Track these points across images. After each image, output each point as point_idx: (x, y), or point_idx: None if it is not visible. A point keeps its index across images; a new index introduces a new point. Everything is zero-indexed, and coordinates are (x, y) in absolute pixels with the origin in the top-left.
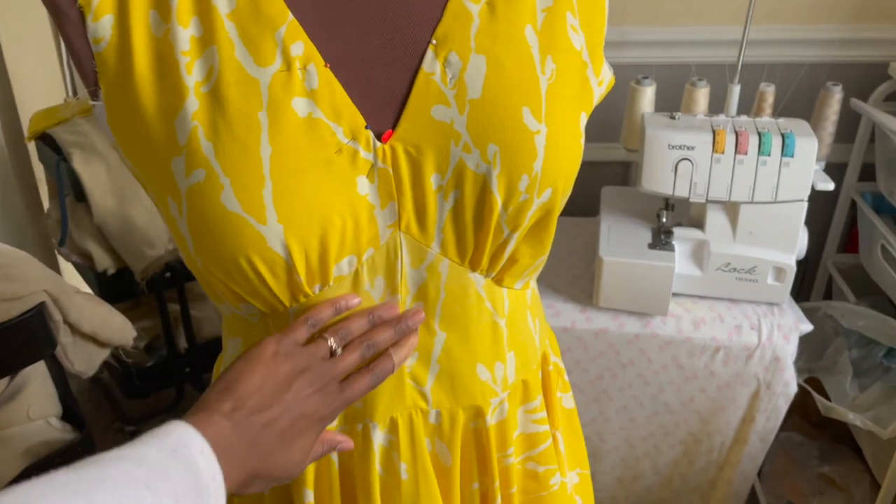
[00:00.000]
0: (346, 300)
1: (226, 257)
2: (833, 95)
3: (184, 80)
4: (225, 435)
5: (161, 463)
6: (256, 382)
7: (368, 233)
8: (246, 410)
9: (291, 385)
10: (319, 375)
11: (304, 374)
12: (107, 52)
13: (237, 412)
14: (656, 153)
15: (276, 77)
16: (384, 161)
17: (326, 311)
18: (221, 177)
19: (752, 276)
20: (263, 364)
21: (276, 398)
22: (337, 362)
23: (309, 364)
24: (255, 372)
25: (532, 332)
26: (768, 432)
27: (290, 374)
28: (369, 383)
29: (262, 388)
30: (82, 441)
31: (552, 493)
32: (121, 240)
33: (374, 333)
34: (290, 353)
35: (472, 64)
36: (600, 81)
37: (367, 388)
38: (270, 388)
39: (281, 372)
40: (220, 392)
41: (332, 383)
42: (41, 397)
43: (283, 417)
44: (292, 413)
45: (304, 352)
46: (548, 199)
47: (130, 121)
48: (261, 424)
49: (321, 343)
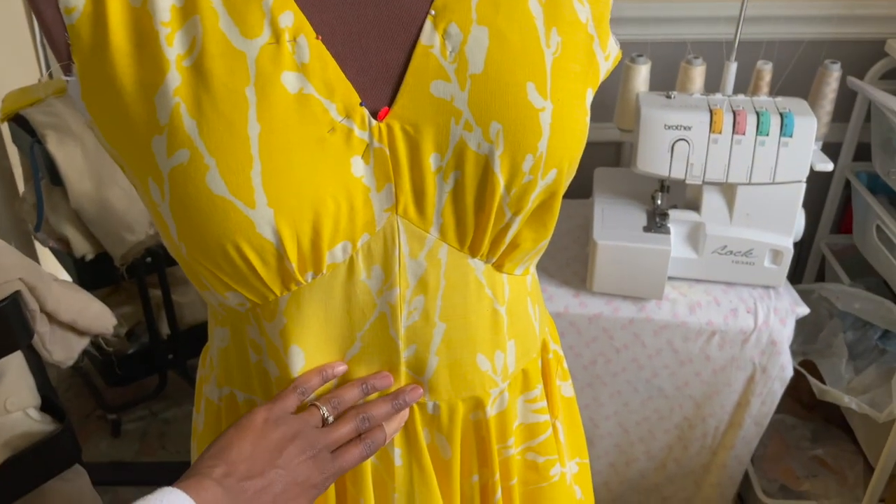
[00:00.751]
0: (332, 368)
1: (212, 244)
2: (831, 73)
3: (164, 53)
4: (216, 500)
5: None
6: (247, 448)
7: (364, 217)
8: (237, 476)
9: (283, 451)
10: (311, 443)
11: (295, 441)
12: (80, 22)
13: (228, 478)
14: (652, 134)
15: (264, 50)
16: (380, 140)
17: (314, 379)
18: (206, 157)
19: (749, 258)
20: (254, 431)
21: (267, 464)
22: (330, 431)
23: (301, 431)
24: (246, 438)
25: (532, 319)
26: (763, 416)
27: (282, 441)
28: (362, 454)
29: (253, 455)
30: (62, 433)
31: (552, 483)
32: (99, 224)
33: (371, 407)
34: (281, 420)
35: (474, 36)
36: (607, 56)
37: (359, 459)
38: (262, 453)
39: (272, 438)
40: (210, 458)
41: (325, 451)
42: (19, 388)
43: (275, 483)
44: (284, 479)
45: (296, 419)
46: (552, 181)
47: (107, 97)
48: (253, 490)
49: (313, 411)
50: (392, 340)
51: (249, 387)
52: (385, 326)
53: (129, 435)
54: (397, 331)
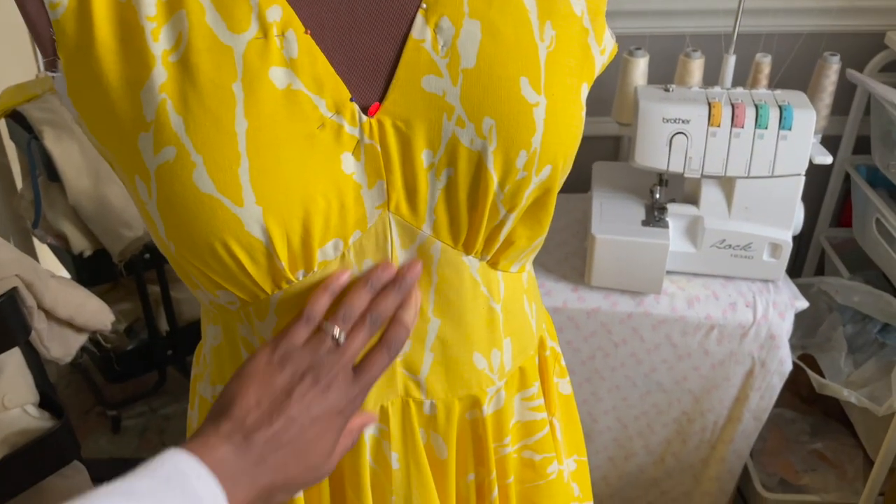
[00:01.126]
0: (338, 280)
1: (200, 242)
2: (831, 66)
3: (150, 49)
4: (224, 457)
5: (154, 494)
6: (252, 399)
7: (355, 214)
8: (245, 430)
9: (291, 393)
10: (325, 372)
11: (305, 378)
12: (65, 17)
13: (236, 433)
14: (650, 127)
15: (252, 45)
16: (371, 137)
17: (322, 300)
18: (193, 154)
19: (748, 252)
20: (257, 379)
21: (275, 412)
22: (343, 350)
23: (311, 364)
24: (250, 388)
25: (529, 317)
26: (762, 411)
27: (289, 382)
28: (385, 359)
29: (259, 404)
30: (61, 429)
31: (549, 481)
32: (97, 221)
33: (377, 304)
34: (287, 359)
35: (466, 30)
36: (602, 49)
37: (385, 365)
38: (268, 402)
39: (277, 383)
40: (216, 415)
41: (344, 373)
42: (17, 385)
43: (288, 429)
44: (299, 422)
45: (303, 353)
46: (547, 177)
47: (93, 94)
48: (264, 441)
49: (321, 336)
50: None
51: None
52: None
53: (128, 431)
54: None
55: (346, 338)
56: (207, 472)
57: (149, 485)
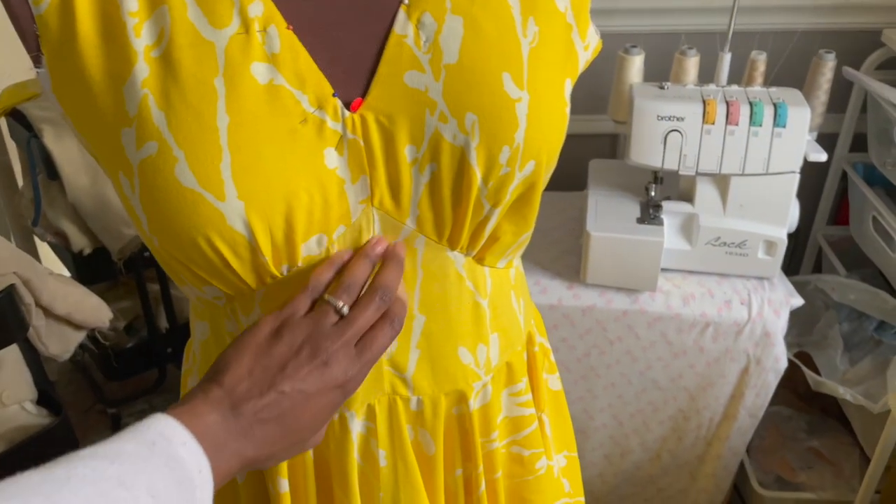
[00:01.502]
0: (341, 257)
1: (183, 237)
2: (826, 63)
3: (132, 44)
4: (210, 425)
5: (138, 457)
6: (245, 368)
7: (339, 209)
8: (234, 399)
9: (285, 367)
10: (324, 346)
11: (301, 351)
12: (48, 13)
13: (224, 401)
14: (645, 124)
15: (234, 40)
16: (354, 132)
17: (326, 274)
18: (175, 149)
19: (743, 250)
20: (254, 348)
21: (267, 384)
22: (348, 324)
23: (309, 336)
24: (245, 355)
25: (516, 313)
26: (758, 408)
27: (285, 355)
28: (389, 334)
29: (251, 374)
30: (59, 426)
31: (538, 477)
32: (96, 219)
33: (383, 279)
34: (287, 330)
35: (448, 26)
36: (586, 46)
37: (388, 341)
38: (261, 372)
39: (274, 354)
40: (207, 382)
41: (346, 348)
42: (15, 382)
43: (279, 403)
44: (290, 397)
45: (304, 323)
46: (531, 173)
47: (76, 89)
48: (253, 412)
49: (324, 308)
50: None
51: None
52: None
53: None
54: None
55: (352, 310)
56: (192, 438)
57: (133, 448)
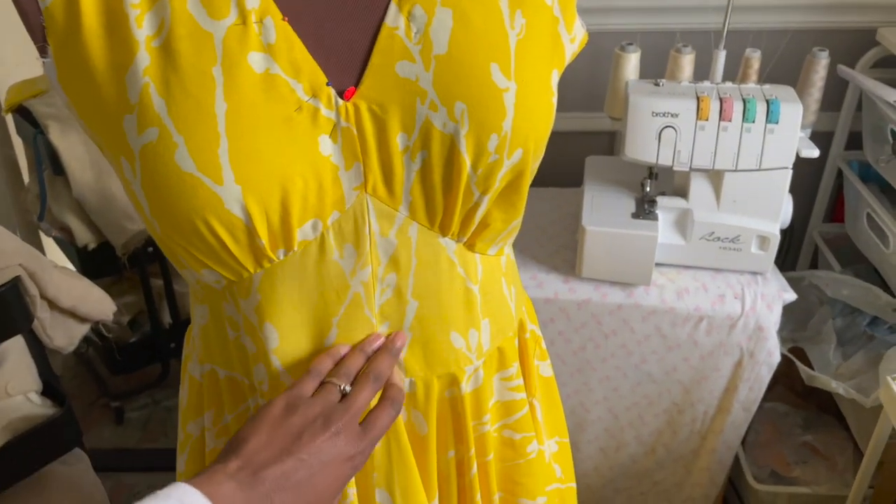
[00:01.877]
0: (339, 350)
1: (183, 221)
2: (819, 61)
3: (134, 34)
4: (229, 493)
5: None
6: (263, 439)
7: (333, 195)
8: (253, 467)
9: (302, 435)
10: (335, 418)
11: (315, 422)
12: (54, 5)
13: (243, 470)
14: (640, 121)
15: (231, 31)
16: (347, 120)
17: (326, 362)
18: (175, 135)
19: (736, 244)
20: (271, 421)
21: (286, 452)
22: (352, 402)
23: (322, 410)
24: (262, 429)
25: (507, 300)
26: (751, 402)
27: (301, 425)
28: (391, 414)
29: (270, 444)
30: (63, 416)
31: (529, 460)
32: (100, 214)
33: (375, 365)
34: (299, 406)
35: (438, 18)
36: (573, 38)
37: (390, 420)
38: (280, 442)
39: (290, 425)
40: (225, 453)
41: (352, 423)
42: (20, 372)
43: (298, 470)
44: (308, 463)
45: (315, 401)
46: (518, 161)
47: (80, 78)
48: (271, 479)
49: (329, 388)
50: (367, 320)
51: (229, 363)
52: (360, 307)
53: (132, 422)
54: (371, 310)
55: (352, 391)
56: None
57: None
